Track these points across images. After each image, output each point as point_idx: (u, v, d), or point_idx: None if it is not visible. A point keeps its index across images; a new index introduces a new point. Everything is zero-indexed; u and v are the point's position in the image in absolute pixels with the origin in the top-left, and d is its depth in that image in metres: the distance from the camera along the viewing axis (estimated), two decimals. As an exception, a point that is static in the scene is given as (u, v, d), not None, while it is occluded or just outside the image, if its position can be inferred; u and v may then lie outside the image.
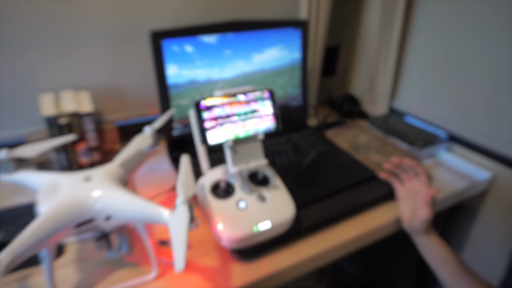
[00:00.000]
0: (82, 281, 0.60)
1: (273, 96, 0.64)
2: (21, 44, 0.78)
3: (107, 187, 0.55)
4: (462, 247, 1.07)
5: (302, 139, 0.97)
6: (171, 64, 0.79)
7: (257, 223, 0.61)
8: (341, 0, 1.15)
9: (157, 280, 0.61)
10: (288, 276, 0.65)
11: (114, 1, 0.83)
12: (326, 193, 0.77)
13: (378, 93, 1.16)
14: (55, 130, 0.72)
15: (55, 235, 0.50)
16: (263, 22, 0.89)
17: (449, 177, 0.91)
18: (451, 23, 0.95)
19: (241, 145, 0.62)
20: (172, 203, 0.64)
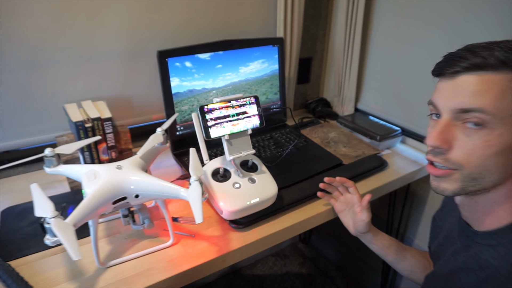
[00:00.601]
0: (114, 249, 0.77)
1: (258, 101, 0.83)
2: (49, 63, 0.94)
3: (135, 173, 0.72)
4: (405, 217, 1.29)
5: (281, 136, 1.16)
6: (173, 77, 0.97)
7: (249, 199, 0.80)
8: (312, 19, 1.36)
9: (173, 247, 0.78)
10: (273, 240, 0.83)
11: (124, 27, 1.00)
12: (302, 177, 0.96)
13: (345, 97, 1.37)
14: (82, 133, 0.88)
15: (99, 209, 0.67)
16: (247, 41, 1.08)
17: (403, 163, 1.12)
18: (402, 38, 1.17)
19: (235, 139, 0.81)
20: (181, 186, 0.81)
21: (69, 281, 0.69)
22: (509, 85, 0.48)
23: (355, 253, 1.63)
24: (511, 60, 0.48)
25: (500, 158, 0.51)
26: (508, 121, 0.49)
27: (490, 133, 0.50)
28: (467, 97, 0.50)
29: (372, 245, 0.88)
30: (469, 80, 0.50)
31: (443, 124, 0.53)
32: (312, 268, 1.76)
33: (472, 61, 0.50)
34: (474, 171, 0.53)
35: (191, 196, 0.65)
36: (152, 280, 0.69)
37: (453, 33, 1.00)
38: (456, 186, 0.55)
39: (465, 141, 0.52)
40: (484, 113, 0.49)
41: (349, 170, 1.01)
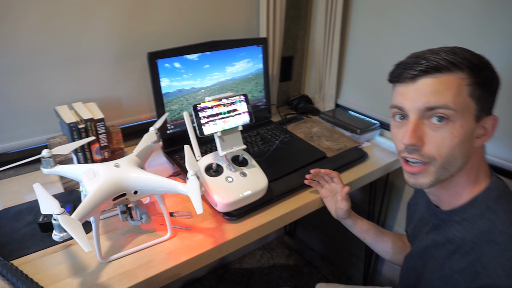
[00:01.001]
0: (114, 245, 0.80)
1: (247, 99, 0.88)
2: (39, 66, 0.96)
3: (133, 170, 0.75)
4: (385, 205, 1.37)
5: (268, 132, 1.22)
6: (163, 78, 1.01)
7: (242, 191, 0.84)
8: (292, 19, 1.42)
9: (171, 240, 0.82)
10: (265, 230, 0.88)
11: (113, 29, 1.03)
12: (290, 170, 1.01)
13: (326, 93, 1.44)
14: (76, 134, 0.90)
15: (101, 205, 0.70)
16: (233, 41, 1.12)
17: (382, 155, 1.19)
18: (378, 37, 1.24)
19: (227, 135, 0.85)
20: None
21: (72, 276, 0.71)
22: (462, 83, 0.57)
23: (338, 243, 1.70)
24: (458, 61, 0.56)
25: (463, 145, 0.59)
26: (465, 113, 0.57)
27: (454, 126, 0.57)
28: (431, 96, 0.57)
29: (352, 229, 0.96)
30: (428, 82, 0.58)
31: (413, 124, 0.59)
32: (298, 259, 1.83)
33: (428, 65, 0.57)
34: (444, 161, 0.60)
35: (190, 189, 0.69)
36: (153, 271, 0.73)
37: (424, 33, 1.08)
38: (432, 178, 0.61)
39: (434, 135, 0.59)
40: (448, 109, 0.57)
41: (333, 162, 1.07)
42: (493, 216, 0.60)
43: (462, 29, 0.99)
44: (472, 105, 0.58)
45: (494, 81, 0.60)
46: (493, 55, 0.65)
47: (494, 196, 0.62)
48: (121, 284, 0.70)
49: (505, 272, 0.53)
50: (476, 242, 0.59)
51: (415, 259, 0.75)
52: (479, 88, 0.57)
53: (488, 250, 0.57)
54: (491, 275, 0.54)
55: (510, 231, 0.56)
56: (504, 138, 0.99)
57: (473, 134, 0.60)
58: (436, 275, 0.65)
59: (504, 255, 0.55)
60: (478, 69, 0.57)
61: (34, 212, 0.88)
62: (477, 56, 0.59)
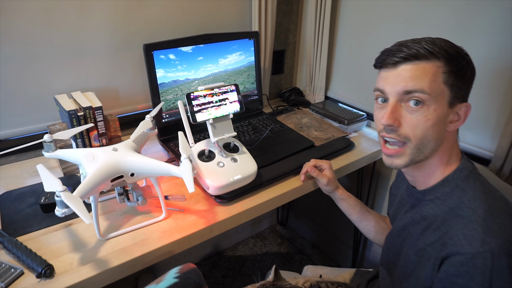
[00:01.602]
0: (111, 224, 0.85)
1: (238, 88, 0.93)
2: (40, 57, 1.00)
3: (130, 154, 0.80)
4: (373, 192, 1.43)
5: (259, 122, 1.27)
6: (159, 69, 1.05)
7: (233, 176, 0.90)
8: (284, 14, 1.46)
9: (165, 220, 0.87)
10: (255, 212, 0.94)
11: (110, 22, 1.07)
12: (279, 157, 1.07)
13: (316, 86, 1.49)
14: (75, 121, 0.95)
15: (100, 186, 0.75)
16: (226, 35, 1.17)
17: (368, 144, 1.25)
18: (365, 31, 1.29)
19: (218, 123, 0.90)
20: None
21: (73, 252, 0.77)
22: (438, 70, 0.62)
23: (328, 232, 1.77)
24: (436, 50, 0.62)
25: (436, 128, 0.64)
26: (439, 98, 0.63)
27: (428, 109, 0.63)
28: (409, 81, 0.63)
29: (339, 203, 1.02)
30: (408, 68, 0.64)
31: (391, 106, 0.65)
32: (289, 247, 1.89)
33: (408, 53, 0.63)
34: (418, 142, 0.65)
35: (183, 171, 0.74)
36: (148, 248, 0.78)
37: (409, 29, 1.14)
38: (407, 160, 0.67)
39: (410, 118, 0.64)
40: (424, 93, 0.62)
41: (320, 151, 1.13)
42: (461, 193, 0.65)
43: (444, 25, 1.05)
44: (446, 92, 0.63)
45: (468, 71, 0.65)
46: (472, 49, 0.70)
47: (463, 176, 0.67)
48: (119, 259, 0.75)
49: (468, 241, 0.59)
50: (446, 217, 0.65)
51: (395, 238, 0.80)
52: (454, 76, 0.63)
53: (455, 223, 0.63)
54: (455, 244, 0.60)
55: (474, 206, 0.62)
56: (480, 128, 1.05)
57: (446, 118, 0.65)
58: (412, 250, 0.71)
59: (468, 226, 0.60)
60: (453, 59, 0.62)
61: (36, 195, 0.92)
62: (455, 47, 0.64)
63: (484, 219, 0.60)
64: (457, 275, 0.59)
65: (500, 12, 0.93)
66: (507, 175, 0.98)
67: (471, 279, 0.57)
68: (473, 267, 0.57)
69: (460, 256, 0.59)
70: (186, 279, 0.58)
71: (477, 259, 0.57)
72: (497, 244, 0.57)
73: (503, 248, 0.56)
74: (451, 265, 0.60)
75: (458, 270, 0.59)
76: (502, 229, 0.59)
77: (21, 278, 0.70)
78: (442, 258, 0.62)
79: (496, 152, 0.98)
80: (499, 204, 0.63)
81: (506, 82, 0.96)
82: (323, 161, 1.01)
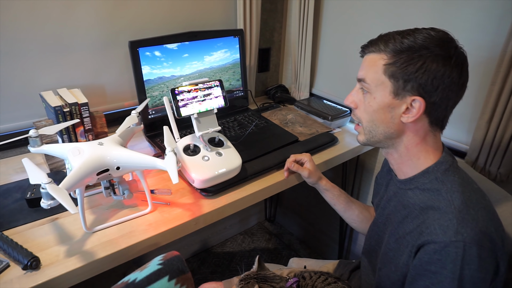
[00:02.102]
0: (98, 218, 0.86)
1: (222, 84, 0.95)
2: (25, 54, 1.01)
3: (116, 148, 0.82)
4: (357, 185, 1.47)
5: (244, 118, 1.29)
6: (144, 65, 1.07)
7: (217, 169, 0.92)
8: (269, 12, 1.49)
9: (151, 213, 0.89)
10: (239, 205, 0.96)
11: (95, 19, 1.08)
12: (264, 152, 1.09)
13: (301, 83, 1.52)
14: (61, 117, 0.96)
15: (85, 179, 0.76)
16: (211, 32, 1.19)
17: (351, 139, 1.28)
18: (347, 29, 1.33)
19: (203, 117, 0.92)
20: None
21: (59, 244, 0.78)
22: (379, 62, 0.68)
23: (315, 227, 1.80)
24: (383, 42, 0.68)
25: (379, 115, 0.71)
26: (380, 88, 0.69)
27: (370, 97, 0.71)
28: (361, 70, 0.72)
29: (323, 193, 1.04)
30: (366, 58, 0.72)
31: (354, 90, 0.75)
32: (277, 243, 1.92)
33: (366, 48, 0.72)
34: (367, 125, 0.74)
35: (167, 163, 0.76)
36: (134, 240, 0.80)
37: (388, 24, 1.17)
38: (363, 138, 0.76)
39: (362, 102, 0.73)
40: (365, 82, 0.71)
41: (304, 145, 1.16)
42: (440, 185, 0.68)
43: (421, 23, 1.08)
44: (387, 83, 0.67)
45: (411, 65, 0.64)
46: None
47: (443, 168, 0.70)
48: (105, 251, 0.77)
49: (443, 231, 0.62)
50: (424, 207, 0.68)
51: (378, 226, 0.83)
52: (395, 68, 0.66)
53: (432, 213, 0.65)
54: (431, 234, 0.63)
55: (452, 198, 0.65)
56: (456, 122, 1.09)
57: (392, 108, 0.68)
58: (393, 238, 0.74)
59: (444, 217, 0.63)
60: (398, 52, 0.65)
61: (21, 190, 0.93)
62: (407, 41, 0.65)
63: (459, 210, 0.62)
64: (430, 263, 0.62)
65: (473, 11, 0.97)
66: (481, 167, 1.02)
67: (443, 266, 0.60)
68: (445, 255, 0.60)
69: (434, 244, 0.61)
70: (170, 265, 0.59)
71: (449, 247, 0.60)
72: (469, 234, 0.60)
73: (474, 239, 0.59)
74: (426, 253, 0.63)
75: (431, 257, 0.62)
76: (476, 221, 0.61)
77: (7, 271, 0.71)
78: (418, 246, 0.65)
79: (471, 145, 1.02)
80: (476, 196, 0.66)
81: (480, 77, 1.00)
82: (303, 155, 1.04)
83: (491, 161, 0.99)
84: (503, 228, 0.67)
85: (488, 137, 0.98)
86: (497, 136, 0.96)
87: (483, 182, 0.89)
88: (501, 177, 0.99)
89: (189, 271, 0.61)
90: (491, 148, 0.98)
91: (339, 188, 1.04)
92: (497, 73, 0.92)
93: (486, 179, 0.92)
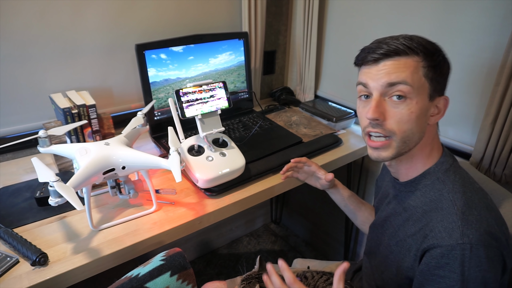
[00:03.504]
0: (104, 217, 0.88)
1: (226, 85, 0.97)
2: (35, 57, 1.04)
3: (121, 148, 0.84)
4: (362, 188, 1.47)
5: (249, 120, 1.31)
6: (150, 68, 1.09)
7: (221, 169, 0.93)
8: (274, 15, 1.51)
9: (156, 212, 0.90)
10: (243, 205, 0.97)
11: (103, 23, 1.11)
12: (267, 153, 1.10)
13: (306, 85, 1.53)
14: (69, 118, 0.99)
15: (92, 178, 0.78)
16: (216, 35, 1.21)
17: (356, 141, 1.29)
18: (351, 32, 1.33)
19: (207, 118, 0.94)
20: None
21: (66, 242, 0.80)
22: (417, 65, 0.65)
23: (321, 229, 1.80)
24: (415, 46, 0.64)
25: (419, 121, 0.66)
26: (420, 91, 0.65)
27: (411, 102, 0.65)
28: (391, 74, 0.64)
29: (336, 196, 1.03)
30: (389, 63, 0.65)
31: (376, 101, 0.66)
32: (283, 245, 1.92)
33: (388, 49, 0.65)
34: (404, 136, 0.66)
35: (171, 163, 0.78)
36: (139, 238, 0.82)
37: (392, 27, 1.18)
38: (393, 152, 0.68)
39: (394, 112, 0.66)
40: (407, 84, 0.63)
41: (308, 147, 1.16)
42: (441, 186, 0.68)
43: (425, 25, 1.09)
44: (426, 85, 0.65)
45: (445, 65, 0.68)
46: (451, 47, 0.74)
47: (444, 169, 0.70)
48: (111, 248, 0.79)
49: (448, 233, 0.61)
50: (426, 209, 0.67)
51: (377, 228, 0.83)
52: (433, 70, 0.65)
53: (435, 215, 0.65)
54: (436, 237, 0.62)
55: (454, 198, 0.65)
56: (461, 123, 1.08)
57: (428, 111, 0.67)
58: (393, 241, 0.74)
59: (447, 219, 0.63)
60: (431, 54, 0.65)
61: (31, 190, 0.96)
62: (431, 43, 0.67)
63: (463, 212, 0.62)
64: (438, 267, 0.61)
65: (476, 12, 0.97)
66: (486, 168, 1.01)
67: (451, 270, 0.60)
68: (453, 258, 0.59)
69: (441, 248, 0.61)
70: (172, 261, 0.61)
71: (456, 250, 0.59)
72: (475, 235, 0.59)
73: (480, 240, 0.59)
74: (432, 257, 0.62)
75: (439, 262, 0.61)
76: (480, 221, 0.61)
77: (17, 266, 0.73)
78: (424, 250, 0.64)
79: (476, 146, 1.02)
80: (478, 196, 0.66)
81: (484, 78, 1.00)
82: (311, 164, 1.02)
83: (496, 163, 0.99)
84: (506, 226, 0.67)
85: (493, 138, 0.97)
86: (501, 137, 0.96)
87: (487, 183, 0.89)
88: (506, 179, 0.99)
89: (190, 267, 0.63)
90: (496, 150, 0.98)
91: (348, 189, 1.04)
92: (501, 74, 0.91)
93: (489, 180, 0.91)
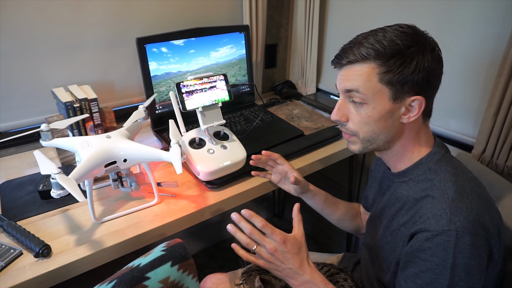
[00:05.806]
0: (106, 209, 0.89)
1: (226, 78, 0.97)
2: (37, 52, 1.05)
3: (123, 141, 0.84)
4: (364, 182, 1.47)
5: (250, 113, 1.31)
6: (151, 61, 1.09)
7: (222, 162, 0.93)
8: (275, 8, 1.50)
9: (158, 205, 0.91)
10: (244, 198, 0.98)
11: (104, 17, 1.11)
12: (269, 145, 1.10)
13: (308, 78, 1.53)
14: (71, 112, 0.99)
15: (94, 170, 0.79)
16: (216, 28, 1.21)
17: (357, 134, 1.29)
18: (353, 25, 1.33)
19: (208, 111, 0.94)
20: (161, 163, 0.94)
21: (69, 234, 0.81)
22: (372, 72, 0.65)
23: (323, 222, 1.79)
24: (371, 53, 0.65)
25: (381, 123, 0.68)
26: (377, 96, 0.66)
27: (367, 107, 0.67)
28: (347, 82, 0.68)
29: (311, 201, 0.99)
30: (347, 71, 0.69)
31: (340, 103, 0.71)
32: (286, 238, 1.92)
33: (347, 59, 0.68)
34: (366, 136, 0.70)
35: (172, 155, 0.78)
36: (141, 230, 0.82)
37: (394, 18, 1.17)
38: (359, 147, 0.73)
39: (355, 114, 0.69)
40: (359, 93, 0.66)
41: (309, 139, 1.16)
42: (433, 175, 0.69)
43: (428, 17, 1.08)
44: (384, 90, 0.65)
45: (406, 68, 0.64)
46: (454, 39, 0.72)
47: (436, 159, 0.71)
48: (113, 240, 0.79)
49: (436, 219, 0.62)
50: (417, 198, 0.68)
51: (374, 219, 0.84)
52: (390, 75, 0.64)
53: (425, 203, 0.66)
54: (424, 222, 0.64)
55: (445, 187, 0.66)
56: (463, 115, 1.08)
57: (393, 113, 0.67)
58: (388, 231, 0.74)
59: (437, 206, 0.64)
60: (388, 58, 0.64)
61: (34, 183, 0.96)
62: (394, 45, 0.64)
63: (453, 199, 0.63)
64: (420, 250, 0.63)
65: (478, 3, 0.96)
66: (488, 160, 1.01)
67: (433, 254, 0.61)
68: (436, 243, 0.61)
69: (427, 233, 0.62)
70: (173, 252, 0.61)
71: (441, 236, 0.60)
72: (462, 223, 0.60)
73: (467, 227, 0.60)
74: (417, 240, 0.64)
75: (422, 245, 0.62)
76: (469, 209, 0.62)
77: (20, 258, 0.74)
78: (411, 235, 0.66)
79: (478, 138, 1.02)
80: (470, 185, 0.66)
81: (486, 69, 0.99)
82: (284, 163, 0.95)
83: (498, 154, 0.98)
84: (500, 216, 0.67)
85: (495, 130, 0.97)
86: (504, 128, 0.95)
87: (489, 175, 0.89)
88: (509, 170, 0.99)
89: (191, 258, 0.63)
90: (498, 141, 0.97)
91: (324, 191, 0.99)
92: (503, 65, 0.91)
93: (491, 172, 0.91)
